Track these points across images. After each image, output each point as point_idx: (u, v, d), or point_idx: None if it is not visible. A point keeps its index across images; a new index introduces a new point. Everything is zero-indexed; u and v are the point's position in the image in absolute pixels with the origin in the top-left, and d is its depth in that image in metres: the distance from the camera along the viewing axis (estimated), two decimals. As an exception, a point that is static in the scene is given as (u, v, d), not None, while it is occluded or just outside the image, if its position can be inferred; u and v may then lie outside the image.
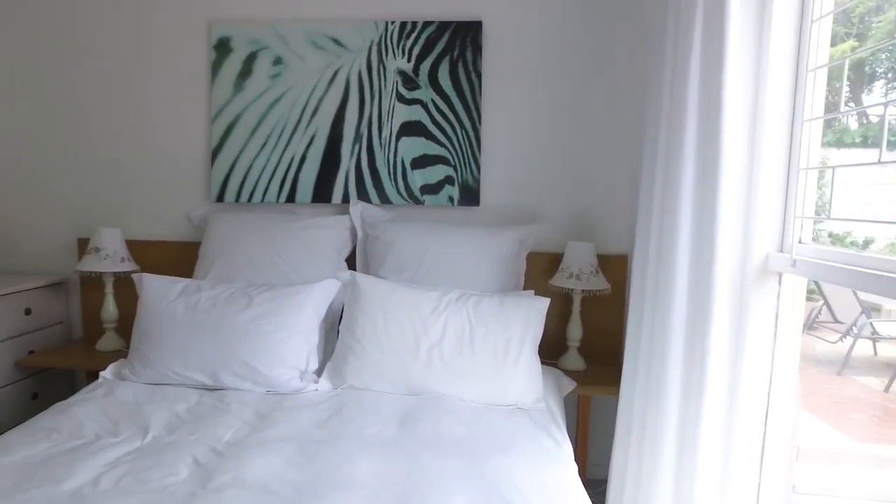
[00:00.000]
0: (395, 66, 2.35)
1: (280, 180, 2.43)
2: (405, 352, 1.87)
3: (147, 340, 1.93)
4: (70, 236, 2.61)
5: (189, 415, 1.69)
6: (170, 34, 2.47)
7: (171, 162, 2.53)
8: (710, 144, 1.53)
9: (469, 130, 2.35)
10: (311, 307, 1.98)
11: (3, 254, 2.64)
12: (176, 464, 1.40)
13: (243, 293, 1.98)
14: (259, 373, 1.86)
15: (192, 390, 1.86)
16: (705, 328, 1.53)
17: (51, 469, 1.36)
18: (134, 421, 1.63)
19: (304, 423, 1.63)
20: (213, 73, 2.44)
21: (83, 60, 2.52)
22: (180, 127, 2.51)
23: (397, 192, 2.39)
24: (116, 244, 2.34)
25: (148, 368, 1.90)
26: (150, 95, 2.51)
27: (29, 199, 2.62)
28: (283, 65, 2.40)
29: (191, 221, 2.50)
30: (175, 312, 1.93)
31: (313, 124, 2.40)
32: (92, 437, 1.55)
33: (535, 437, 1.64)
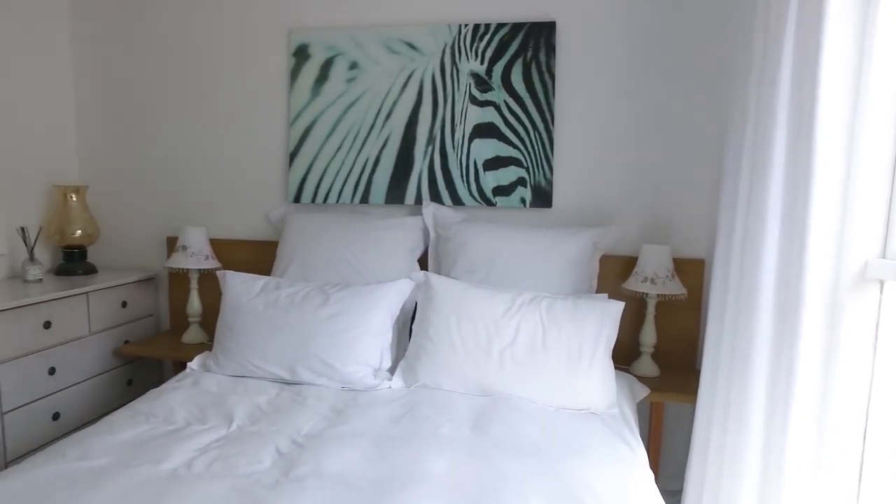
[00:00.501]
0: (468, 69, 2.37)
1: (354, 182, 2.50)
2: (478, 352, 1.88)
3: (230, 335, 2.02)
4: (160, 235, 2.78)
5: (269, 407, 1.76)
6: (254, 43, 2.59)
7: (252, 165, 2.64)
8: (802, 141, 1.45)
9: (542, 132, 2.34)
10: (386, 306, 2.03)
11: (104, 251, 2.84)
12: (259, 453, 1.47)
13: (320, 291, 2.04)
14: (334, 369, 1.91)
15: (271, 383, 1.94)
16: (794, 338, 1.46)
17: (151, 450, 1.45)
18: (219, 410, 1.72)
19: (379, 420, 1.67)
20: (292, 79, 2.54)
21: (177, 71, 2.68)
22: (261, 131, 2.62)
23: (469, 193, 2.41)
24: (201, 243, 2.47)
25: (231, 361, 2.00)
26: (234, 102, 2.64)
27: (125, 201, 2.80)
28: (358, 69, 2.46)
29: (269, 221, 2.61)
30: (256, 309, 2.02)
31: (387, 127, 2.45)
32: (183, 423, 1.65)
33: (609, 441, 1.62)
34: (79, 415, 2.38)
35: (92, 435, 1.55)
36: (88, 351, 2.41)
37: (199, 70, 2.66)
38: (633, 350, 2.27)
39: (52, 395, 2.25)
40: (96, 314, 2.44)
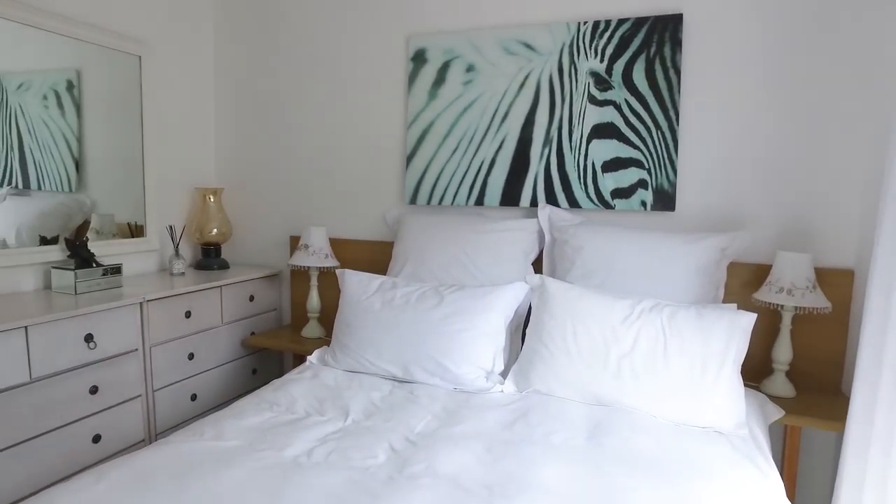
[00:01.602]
0: (586, 68, 2.30)
1: (470, 183, 2.51)
2: (594, 360, 1.80)
3: (347, 331, 2.10)
4: (284, 234, 2.96)
5: (383, 403, 1.80)
6: (374, 51, 2.68)
7: (370, 167, 2.74)
8: None
9: (665, 131, 2.21)
10: (500, 309, 2.01)
11: (235, 249, 3.08)
12: (374, 447, 1.50)
13: (435, 292, 2.06)
14: (447, 369, 1.92)
15: (384, 380, 1.98)
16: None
17: (275, 436, 1.54)
18: (336, 403, 1.79)
19: (491, 424, 1.65)
20: (409, 83, 2.60)
21: (303, 81, 2.84)
22: (379, 135, 2.70)
23: (587, 195, 2.33)
24: (322, 242, 2.59)
25: (347, 357, 2.07)
26: (355, 108, 2.74)
27: (255, 203, 3.01)
28: (475, 72, 2.47)
29: (385, 222, 2.69)
30: (372, 307, 2.08)
31: (503, 129, 2.44)
32: (303, 414, 1.72)
33: (738, 465, 1.49)
34: (212, 397, 2.59)
35: (224, 418, 1.66)
36: (221, 340, 2.61)
37: (323, 79, 2.80)
38: (763, 367, 2.08)
39: (191, 378, 2.46)
40: (228, 306, 2.63)
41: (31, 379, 1.85)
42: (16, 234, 2.22)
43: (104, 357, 2.08)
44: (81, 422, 2.02)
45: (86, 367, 2.02)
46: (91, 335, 2.02)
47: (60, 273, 2.24)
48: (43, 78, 2.28)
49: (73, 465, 2.00)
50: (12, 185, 2.21)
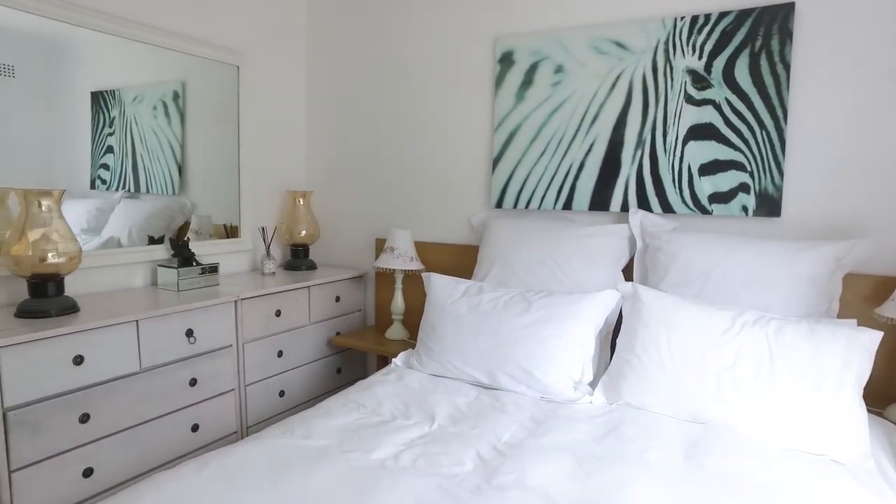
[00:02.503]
0: (683, 65, 2.18)
1: (557, 187, 2.45)
2: (690, 374, 1.70)
3: (433, 335, 2.09)
4: (370, 236, 3.01)
5: (469, 409, 1.78)
6: (460, 54, 2.68)
7: (456, 171, 2.73)
8: None
9: (771, 131, 2.06)
10: (590, 317, 1.94)
11: (322, 250, 3.17)
12: (461, 455, 1.48)
13: (522, 298, 2.02)
14: (534, 377, 1.87)
15: (470, 386, 1.96)
16: None
17: (363, 438, 1.55)
18: (421, 407, 1.78)
19: (581, 436, 1.59)
20: (496, 86, 2.57)
21: (390, 85, 2.88)
22: (465, 138, 2.69)
23: (682, 200, 2.21)
24: (407, 245, 2.61)
25: (432, 360, 2.06)
26: (441, 111, 2.75)
27: (341, 205, 3.08)
28: (563, 73, 2.41)
29: (471, 226, 2.67)
30: (458, 311, 2.07)
31: (593, 131, 2.36)
32: (389, 416, 1.73)
33: (864, 501, 1.34)
34: (298, 394, 2.66)
35: (313, 416, 1.70)
36: (308, 339, 2.69)
37: (410, 83, 2.82)
38: (889, 391, 1.89)
39: (279, 375, 2.55)
40: (315, 306, 2.71)
41: (140, 369, 1.97)
42: (128, 235, 2.38)
43: (202, 351, 2.19)
44: (182, 411, 2.13)
45: (186, 360, 2.13)
46: (191, 330, 2.13)
47: (165, 271, 2.38)
48: (153, 90, 2.43)
49: (175, 451, 2.11)
50: (126, 189, 2.37)
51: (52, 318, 1.84)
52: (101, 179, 2.29)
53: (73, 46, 2.15)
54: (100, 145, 2.27)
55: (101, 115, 2.26)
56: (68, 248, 1.89)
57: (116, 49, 2.28)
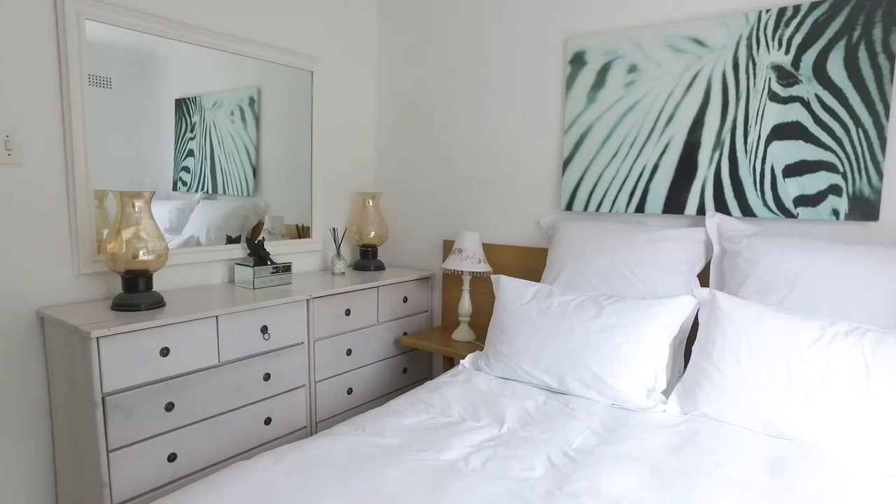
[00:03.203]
0: (767, 61, 2.08)
1: (630, 190, 2.38)
2: (774, 387, 1.61)
3: (502, 337, 2.08)
4: (437, 238, 3.03)
5: (539, 413, 1.76)
6: (530, 55, 2.66)
7: (524, 173, 2.71)
8: None
9: (869, 129, 1.93)
10: (664, 323, 1.87)
11: (390, 251, 3.22)
12: (532, 459, 1.46)
13: (594, 302, 1.98)
14: (605, 383, 1.83)
15: (538, 390, 1.93)
16: None
17: (432, 438, 1.56)
18: (490, 410, 1.77)
19: (655, 446, 1.54)
20: (567, 87, 2.53)
21: (459, 87, 2.90)
22: (534, 140, 2.67)
23: (763, 203, 2.11)
24: (475, 246, 2.61)
25: (501, 363, 2.05)
26: (510, 113, 2.74)
27: (410, 207, 3.12)
28: (637, 72, 2.34)
29: (539, 228, 2.64)
30: (528, 314, 2.05)
31: (668, 132, 2.29)
32: (458, 418, 1.73)
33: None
34: (366, 392, 2.71)
35: (383, 415, 1.72)
36: (376, 338, 2.73)
37: (478, 84, 2.83)
38: None
39: (348, 373, 2.61)
40: (383, 306, 2.75)
41: (219, 362, 2.06)
42: (206, 234, 2.49)
43: (276, 348, 2.26)
44: (256, 405, 2.21)
45: (261, 356, 2.21)
46: (266, 327, 2.21)
47: (241, 269, 2.48)
48: (231, 96, 2.55)
49: (249, 442, 2.19)
50: (204, 191, 2.49)
51: (143, 311, 1.96)
52: (182, 181, 2.41)
53: (160, 58, 2.28)
54: (182, 149, 2.39)
55: (183, 121, 2.38)
56: (157, 246, 2.00)
57: (198, 58, 2.40)
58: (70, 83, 2.01)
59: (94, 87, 2.09)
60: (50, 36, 1.98)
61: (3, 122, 1.90)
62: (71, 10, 1.99)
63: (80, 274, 2.10)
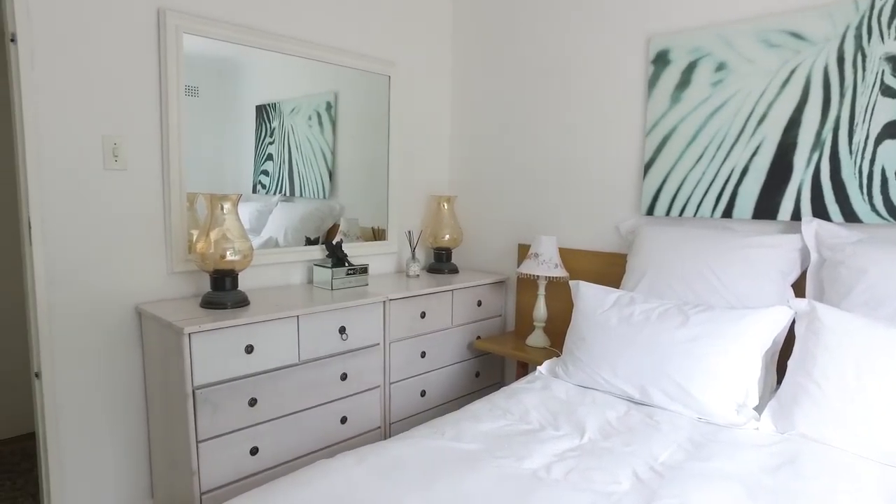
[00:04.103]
0: (881, 52, 1.92)
1: (716, 194, 2.27)
2: (889, 411, 1.48)
3: (581, 345, 2.03)
4: (512, 242, 3.00)
5: (621, 424, 1.70)
6: (609, 55, 2.59)
7: (603, 176, 2.64)
8: None
9: None
10: (755, 335, 1.77)
11: (464, 254, 3.21)
12: (617, 472, 1.41)
13: (679, 311, 1.90)
14: (691, 396, 1.75)
15: (619, 400, 1.87)
16: None
17: (513, 445, 1.53)
18: (570, 419, 1.73)
19: (749, 465, 1.45)
20: (649, 87, 2.45)
21: (534, 89, 2.86)
22: (613, 142, 2.60)
23: (871, 208, 1.95)
24: (552, 251, 2.56)
25: (579, 371, 2.00)
26: (587, 115, 2.67)
27: (484, 210, 3.11)
28: (725, 70, 2.23)
29: (618, 233, 2.57)
30: (608, 322, 1.99)
31: (759, 132, 2.16)
32: (537, 426, 1.70)
33: None
34: (438, 395, 2.72)
35: (461, 419, 1.71)
36: (450, 341, 2.73)
37: (555, 86, 2.78)
38: None
39: (422, 375, 2.62)
40: (458, 310, 2.75)
41: (299, 361, 2.12)
42: (283, 235, 2.58)
43: (353, 348, 2.30)
44: (333, 403, 2.26)
45: (339, 356, 2.25)
46: (344, 327, 2.25)
47: (320, 270, 2.54)
48: (309, 101, 2.62)
49: (326, 440, 2.24)
50: (282, 193, 2.57)
51: (229, 309, 2.04)
52: (262, 184, 2.50)
53: (243, 66, 2.37)
54: (261, 153, 2.48)
55: (263, 126, 2.47)
56: (242, 246, 2.08)
57: (278, 66, 2.48)
58: (168, 94, 2.12)
59: (185, 97, 2.20)
60: (152, 50, 2.10)
61: (111, 131, 2.04)
62: (171, 26, 2.11)
63: (173, 272, 2.21)
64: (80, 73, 1.95)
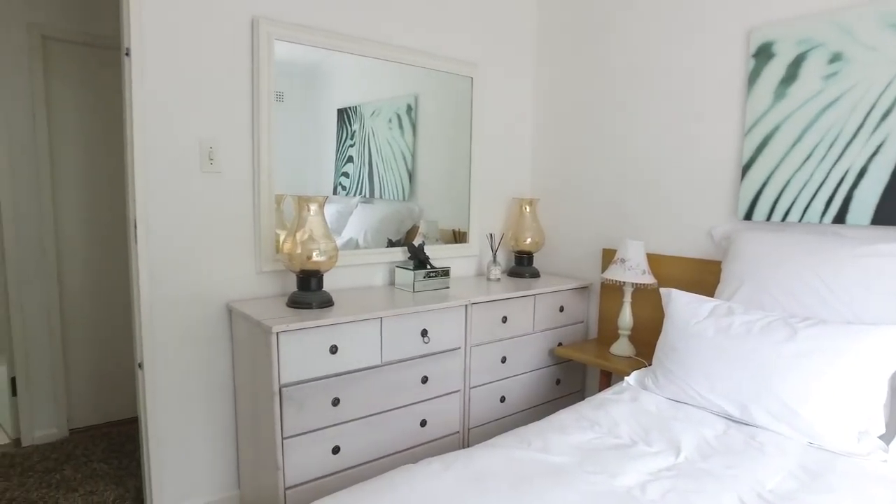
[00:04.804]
0: None
1: (826, 197, 2.09)
2: None
3: (673, 356, 1.92)
4: (596, 246, 2.90)
5: (719, 444, 1.58)
6: (703, 50, 2.44)
7: (695, 178, 2.50)
8: None
9: None
10: (878, 355, 1.59)
11: (545, 258, 3.14)
12: (720, 497, 1.31)
13: (784, 324, 1.75)
14: (800, 417, 1.60)
15: (716, 417, 1.75)
16: None
17: (604, 460, 1.46)
18: (663, 435, 1.63)
19: (878, 501, 1.31)
20: (749, 84, 2.29)
21: (620, 88, 2.75)
22: (707, 143, 2.45)
23: None
24: (639, 257, 2.45)
25: (671, 384, 1.89)
26: (678, 114, 2.54)
27: (567, 213, 3.02)
28: (841, 61, 2.05)
29: (711, 238, 2.42)
30: (704, 333, 1.86)
31: (882, 129, 1.97)
32: (628, 440, 1.61)
33: None
34: (518, 402, 2.66)
35: (547, 430, 1.65)
36: (531, 347, 2.67)
37: (643, 84, 2.66)
38: None
39: (502, 381, 2.57)
40: (539, 315, 2.68)
41: (381, 362, 2.13)
42: (363, 236, 2.60)
43: (434, 351, 2.29)
44: (413, 406, 2.25)
45: (420, 359, 2.24)
46: (426, 330, 2.24)
47: (402, 272, 2.55)
48: (389, 104, 2.64)
49: (405, 442, 2.24)
50: (362, 195, 2.59)
51: (314, 309, 2.07)
52: (342, 186, 2.53)
53: (325, 71, 2.42)
54: (342, 156, 2.52)
55: (344, 129, 2.51)
56: (328, 247, 2.11)
57: (360, 70, 2.51)
58: (260, 100, 2.19)
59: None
60: (245, 58, 2.18)
61: (208, 136, 2.12)
62: (264, 34, 2.18)
63: (261, 272, 2.28)
64: (181, 82, 2.05)
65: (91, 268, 3.05)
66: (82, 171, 2.99)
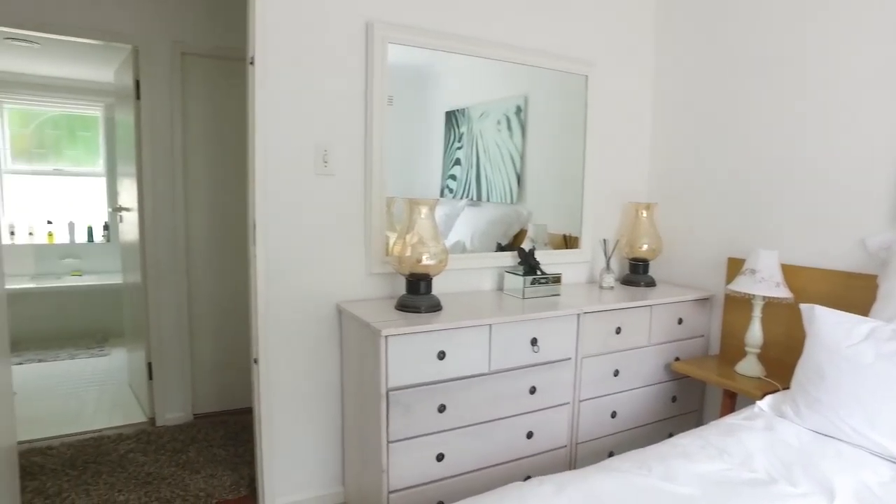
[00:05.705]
0: None
1: None
2: None
3: (819, 382, 1.69)
4: (720, 255, 2.67)
5: (886, 493, 1.36)
6: (855, 31, 2.15)
7: (840, 181, 2.21)
8: None
9: None
10: None
11: (662, 266, 2.94)
12: (885, 554, 1.12)
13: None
14: None
15: (879, 459, 1.51)
16: None
17: (737, 497, 1.30)
18: (809, 473, 1.44)
19: None
20: (915, 72, 1.99)
21: (751, 83, 2.50)
22: (859, 139, 2.16)
23: None
24: (772, 268, 2.21)
25: (817, 414, 1.67)
26: (821, 108, 2.26)
27: (688, 219, 2.81)
28: None
29: (864, 249, 2.13)
30: (860, 358, 1.63)
31: None
32: (764, 476, 1.44)
33: None
34: (630, 418, 2.50)
35: (669, 455, 1.51)
36: (645, 361, 2.50)
37: (778, 79, 2.40)
38: None
39: (613, 395, 2.43)
40: (656, 327, 2.51)
41: (489, 370, 2.07)
42: (470, 240, 2.56)
43: (543, 361, 2.20)
44: (520, 417, 2.17)
45: (528, 368, 2.16)
46: (535, 339, 2.16)
47: (512, 277, 2.47)
48: (497, 106, 2.57)
49: (510, 454, 2.17)
50: (469, 198, 2.55)
51: (422, 313, 2.05)
52: (449, 188, 2.50)
53: (433, 74, 2.40)
54: (449, 158, 2.48)
55: (451, 132, 2.47)
56: (437, 250, 2.08)
57: (468, 71, 2.47)
58: (373, 103, 2.22)
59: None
60: (360, 62, 2.21)
61: (323, 139, 2.17)
62: (378, 37, 2.20)
63: (371, 273, 2.30)
64: (298, 88, 2.11)
65: (216, 267, 3.25)
66: (210, 177, 3.19)
